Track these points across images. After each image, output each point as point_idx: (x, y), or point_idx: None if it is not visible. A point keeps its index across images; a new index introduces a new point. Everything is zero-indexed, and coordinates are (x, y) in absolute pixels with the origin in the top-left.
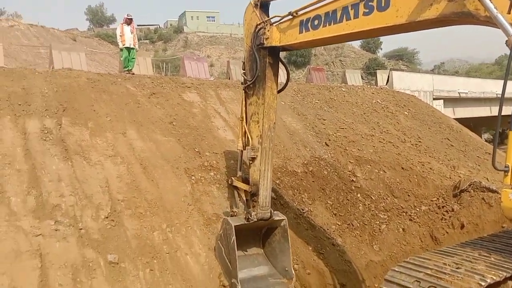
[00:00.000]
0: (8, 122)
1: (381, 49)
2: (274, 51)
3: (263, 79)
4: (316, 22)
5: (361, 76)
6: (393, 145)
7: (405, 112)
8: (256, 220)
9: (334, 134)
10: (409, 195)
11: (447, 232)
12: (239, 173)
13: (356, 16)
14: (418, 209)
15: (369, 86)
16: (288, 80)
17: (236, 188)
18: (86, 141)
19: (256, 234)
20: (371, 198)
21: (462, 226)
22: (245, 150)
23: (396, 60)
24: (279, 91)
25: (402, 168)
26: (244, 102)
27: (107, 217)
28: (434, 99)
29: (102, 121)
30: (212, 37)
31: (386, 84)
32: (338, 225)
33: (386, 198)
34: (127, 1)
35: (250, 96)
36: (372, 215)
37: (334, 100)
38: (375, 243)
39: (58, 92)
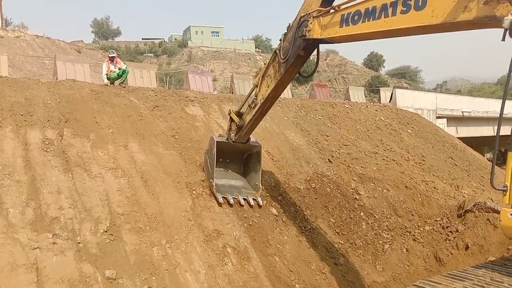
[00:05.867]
0: (10, 132)
1: (384, 67)
2: (310, 46)
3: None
4: (356, 17)
5: (364, 93)
6: (397, 163)
7: (409, 130)
8: (234, 140)
9: (337, 151)
10: (412, 215)
11: (451, 253)
12: (240, 107)
13: (394, 14)
14: (422, 229)
15: (372, 103)
16: (316, 67)
17: (230, 118)
18: (87, 153)
19: (238, 158)
20: (374, 216)
21: (467, 247)
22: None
23: (398, 78)
24: (306, 77)
25: (406, 186)
26: (270, 60)
27: (106, 231)
28: (437, 117)
29: (104, 133)
30: (216, 52)
31: (389, 102)
32: (341, 244)
33: (390, 217)
34: (132, 14)
35: (275, 63)
36: (375, 234)
37: (337, 116)
38: (378, 263)
39: (61, 103)
